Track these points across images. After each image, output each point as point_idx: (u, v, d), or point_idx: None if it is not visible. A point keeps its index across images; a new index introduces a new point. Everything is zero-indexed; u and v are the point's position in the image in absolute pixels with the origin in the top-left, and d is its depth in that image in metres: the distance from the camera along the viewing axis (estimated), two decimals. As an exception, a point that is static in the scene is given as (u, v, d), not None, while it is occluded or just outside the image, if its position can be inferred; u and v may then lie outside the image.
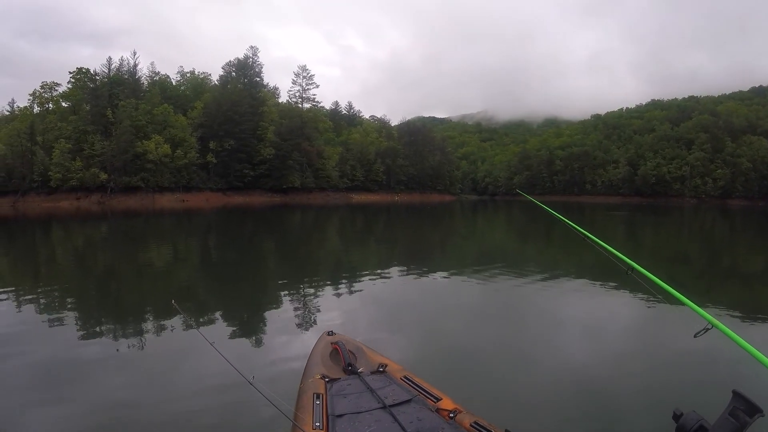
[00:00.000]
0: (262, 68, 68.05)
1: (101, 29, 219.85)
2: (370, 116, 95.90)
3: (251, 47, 76.30)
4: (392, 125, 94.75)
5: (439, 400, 2.50)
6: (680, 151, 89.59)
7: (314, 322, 6.09)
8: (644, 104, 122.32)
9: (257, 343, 5.35)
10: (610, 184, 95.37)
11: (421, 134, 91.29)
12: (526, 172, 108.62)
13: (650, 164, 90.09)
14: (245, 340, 5.48)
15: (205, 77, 71.47)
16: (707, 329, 1.89)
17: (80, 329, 5.77)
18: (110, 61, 58.54)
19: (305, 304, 7.27)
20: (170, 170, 54.04)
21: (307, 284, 8.90)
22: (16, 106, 59.78)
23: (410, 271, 10.47)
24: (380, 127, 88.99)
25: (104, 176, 50.17)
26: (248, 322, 6.31)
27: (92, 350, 4.90)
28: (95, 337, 5.53)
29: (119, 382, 4.06)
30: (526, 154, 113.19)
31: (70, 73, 56.27)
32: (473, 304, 7.46)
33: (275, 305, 7.14)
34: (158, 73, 67.05)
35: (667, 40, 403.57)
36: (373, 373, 2.90)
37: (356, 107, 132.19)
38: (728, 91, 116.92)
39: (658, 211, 48.71)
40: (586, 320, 6.49)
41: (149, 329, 5.76)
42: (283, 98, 74.09)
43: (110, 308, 7.09)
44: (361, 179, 73.60)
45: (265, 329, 5.92)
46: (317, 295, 7.90)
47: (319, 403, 2.45)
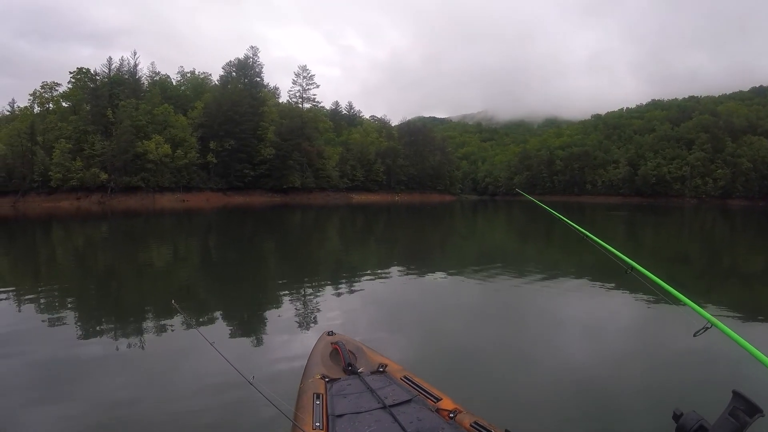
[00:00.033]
0: (262, 68, 68.28)
1: (101, 29, 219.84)
2: (370, 116, 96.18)
3: (251, 47, 76.63)
4: (392, 125, 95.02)
5: (439, 400, 2.50)
6: (680, 151, 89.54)
7: (314, 322, 6.09)
8: (644, 104, 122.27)
9: (257, 343, 5.35)
10: (610, 184, 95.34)
11: (421, 134, 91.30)
12: (526, 172, 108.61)
13: (650, 164, 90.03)
14: (245, 340, 5.48)
15: (205, 77, 71.67)
16: (707, 328, 1.89)
17: (80, 329, 5.78)
18: (110, 61, 58.80)
19: (305, 304, 7.27)
20: (170, 170, 54.11)
21: (307, 284, 8.90)
22: (16, 106, 60.12)
23: (410, 271, 10.47)
24: (380, 127, 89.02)
25: (104, 176, 50.23)
26: (248, 322, 6.31)
27: (92, 350, 4.91)
28: (95, 336, 5.54)
29: (119, 381, 4.06)
30: (526, 154, 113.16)
31: (70, 73, 56.47)
32: (473, 304, 7.46)
33: (275, 305, 7.14)
34: (158, 73, 67.26)
35: (667, 40, 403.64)
36: (373, 373, 2.90)
37: (356, 107, 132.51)
38: (728, 91, 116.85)
39: (658, 211, 48.69)
40: (586, 320, 6.49)
41: (149, 329, 5.76)
42: (283, 98, 74.39)
43: (110, 308, 7.10)
44: (361, 179, 73.62)
45: (265, 329, 5.92)
46: (317, 295, 7.90)
47: (319, 403, 2.45)
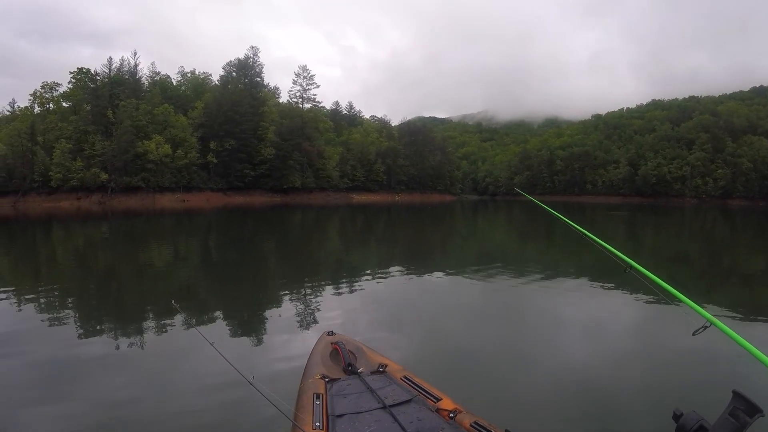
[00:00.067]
0: (262, 68, 68.26)
1: (101, 29, 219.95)
2: (370, 116, 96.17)
3: (252, 47, 76.72)
4: (393, 125, 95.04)
5: (439, 400, 2.50)
6: (681, 151, 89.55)
7: (314, 322, 6.09)
8: (645, 104, 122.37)
9: (257, 342, 5.35)
10: (610, 184, 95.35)
11: (421, 134, 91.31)
12: (526, 172, 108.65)
13: (651, 164, 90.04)
14: (245, 339, 5.48)
15: (205, 77, 71.68)
16: (705, 327, 1.89)
17: (80, 329, 5.79)
18: (111, 61, 58.79)
19: (305, 304, 7.26)
20: (171, 170, 54.12)
21: (307, 284, 8.90)
22: (16, 106, 60.17)
23: (410, 271, 10.46)
24: (381, 127, 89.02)
25: (105, 176, 50.24)
26: (248, 321, 6.31)
27: (92, 350, 4.90)
28: (95, 336, 5.53)
29: (119, 381, 4.06)
30: (526, 154, 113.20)
31: (70, 73, 56.50)
32: (473, 304, 7.46)
33: (275, 305, 7.14)
34: (159, 73, 67.29)
35: (667, 40, 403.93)
36: (373, 373, 2.90)
37: (357, 107, 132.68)
38: (729, 91, 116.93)
39: (658, 211, 48.68)
40: (586, 320, 6.49)
41: (149, 329, 5.76)
42: (283, 98, 74.43)
43: (110, 308, 7.10)
44: (361, 179, 73.63)
45: (265, 329, 5.92)
46: (317, 295, 7.90)
47: (319, 403, 2.45)
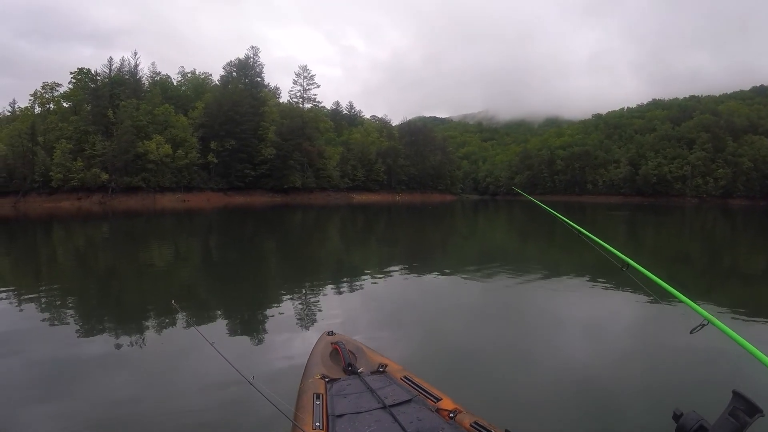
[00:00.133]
0: (262, 68, 68.21)
1: (102, 29, 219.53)
2: (371, 116, 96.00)
3: (252, 47, 76.70)
4: (393, 125, 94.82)
5: (439, 400, 2.50)
6: (681, 150, 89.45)
7: (314, 321, 6.09)
8: (645, 104, 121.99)
9: (257, 342, 5.35)
10: (611, 183, 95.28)
11: (422, 134, 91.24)
12: (527, 171, 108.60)
13: (651, 164, 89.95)
14: (245, 339, 5.48)
15: (205, 77, 71.65)
16: (703, 325, 1.89)
17: (81, 328, 5.80)
18: (111, 61, 58.78)
19: (305, 303, 7.27)
20: (171, 170, 54.13)
21: (307, 284, 8.90)
22: (17, 106, 60.14)
23: (411, 271, 10.46)
24: (381, 127, 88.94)
25: (105, 176, 50.24)
26: (248, 321, 6.32)
27: (93, 349, 4.91)
28: (95, 336, 5.54)
29: (119, 381, 4.06)
30: (527, 153, 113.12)
31: (71, 73, 56.49)
32: (473, 304, 7.45)
33: (275, 305, 7.14)
34: (159, 73, 67.25)
35: (667, 40, 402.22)
36: (373, 373, 2.90)
37: (357, 107, 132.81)
38: (729, 90, 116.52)
39: (659, 210, 48.65)
40: (586, 320, 6.49)
41: (150, 329, 5.76)
42: (284, 98, 74.39)
43: (111, 308, 7.10)
44: (362, 179, 73.59)
45: (265, 329, 5.92)
46: (317, 294, 7.90)
47: (319, 403, 2.45)
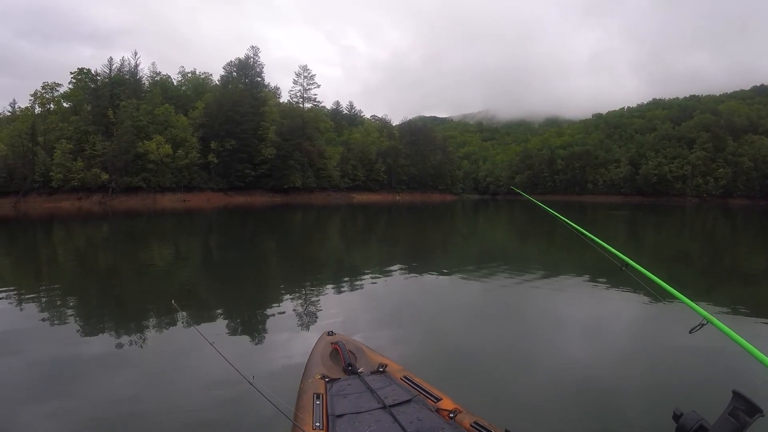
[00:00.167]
0: (263, 68, 68.09)
1: (102, 29, 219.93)
2: (371, 116, 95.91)
3: (252, 47, 76.66)
4: (393, 125, 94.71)
5: (439, 400, 2.50)
6: (682, 150, 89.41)
7: (314, 321, 6.09)
8: (645, 103, 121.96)
9: (257, 342, 5.35)
10: (611, 183, 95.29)
11: (422, 134, 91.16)
12: (527, 171, 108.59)
13: (652, 163, 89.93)
14: (245, 339, 5.48)
15: (206, 77, 71.60)
16: (702, 324, 1.89)
17: (81, 328, 5.80)
18: (111, 61, 58.76)
19: (305, 303, 7.27)
20: (171, 170, 54.12)
21: (307, 284, 8.90)
22: (17, 106, 60.08)
23: (411, 270, 10.46)
24: (381, 126, 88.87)
25: (105, 176, 50.24)
26: (248, 321, 6.32)
27: (93, 349, 4.91)
28: (96, 336, 5.54)
29: (119, 381, 4.06)
30: (527, 153, 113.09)
31: (71, 73, 56.47)
32: (473, 304, 7.45)
33: (275, 305, 7.14)
34: (159, 73, 67.20)
35: (667, 40, 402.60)
36: (373, 373, 2.90)
37: (357, 107, 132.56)
38: (729, 90, 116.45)
39: (659, 210, 48.64)
40: (586, 320, 6.49)
41: (150, 329, 5.76)
42: (284, 98, 74.32)
43: (111, 308, 7.10)
44: (362, 179, 73.54)
45: (265, 329, 5.93)
46: (317, 294, 7.90)
47: (319, 403, 2.45)
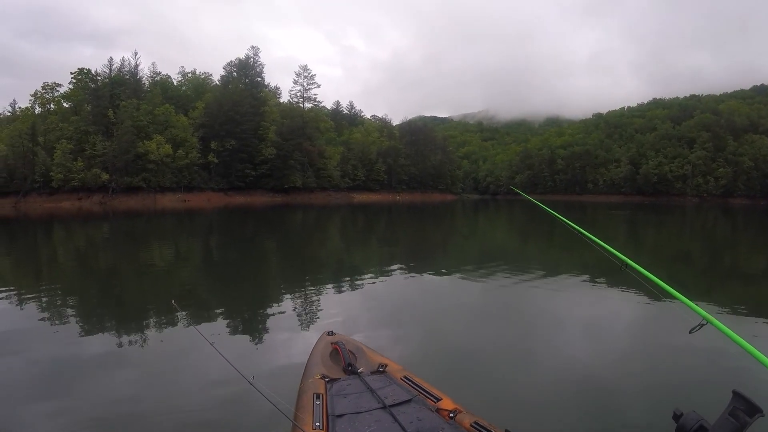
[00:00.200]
0: (263, 68, 68.12)
1: (102, 29, 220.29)
2: (371, 116, 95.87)
3: (252, 47, 76.69)
4: (393, 125, 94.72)
5: (439, 400, 2.50)
6: (682, 149, 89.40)
7: (314, 321, 6.09)
8: (646, 103, 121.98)
9: (257, 342, 5.35)
10: (611, 183, 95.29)
11: (422, 134, 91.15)
12: (527, 171, 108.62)
13: (652, 163, 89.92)
14: (245, 339, 5.48)
15: (206, 77, 71.63)
16: (702, 325, 1.89)
17: (81, 328, 5.80)
18: (111, 61, 58.75)
19: (305, 303, 7.27)
20: (172, 170, 54.13)
21: (307, 284, 8.90)
22: (17, 106, 60.05)
23: (411, 270, 10.46)
24: (381, 126, 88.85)
25: (106, 176, 50.25)
26: (248, 321, 6.32)
27: (93, 349, 4.91)
28: (96, 336, 5.54)
29: (119, 380, 4.06)
30: (527, 153, 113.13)
31: (71, 73, 56.49)
32: (473, 304, 7.45)
33: (275, 305, 7.14)
34: (159, 73, 67.19)
35: (667, 39, 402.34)
36: (373, 373, 2.89)
37: (357, 107, 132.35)
38: (730, 89, 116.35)
39: (659, 209, 48.61)
40: (586, 319, 6.49)
41: (150, 329, 5.77)
42: (284, 98, 74.34)
43: (111, 308, 7.11)
44: (362, 179, 73.55)
45: (265, 329, 5.93)
46: (317, 294, 7.90)
47: (319, 403, 2.44)
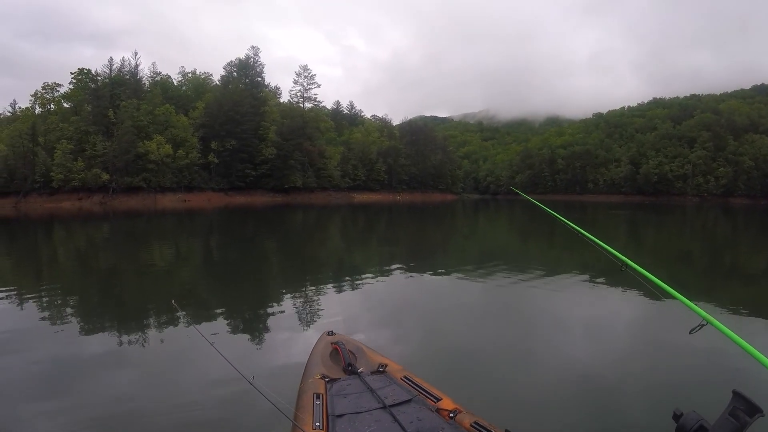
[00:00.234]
0: (263, 68, 67.94)
1: (102, 29, 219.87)
2: (371, 116, 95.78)
3: (252, 47, 76.68)
4: (394, 125, 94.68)
5: (439, 400, 2.50)
6: (682, 149, 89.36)
7: (314, 321, 6.09)
8: (646, 103, 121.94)
9: (257, 342, 5.35)
10: (612, 182, 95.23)
11: (422, 133, 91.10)
12: (528, 171, 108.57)
13: (652, 163, 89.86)
14: (245, 339, 5.48)
15: (206, 77, 71.55)
16: (702, 325, 1.88)
17: (82, 328, 5.81)
18: (111, 61, 58.66)
19: (305, 303, 7.27)
20: (172, 170, 54.10)
21: (307, 284, 8.91)
22: (17, 106, 60.05)
23: (411, 270, 10.46)
24: (382, 126, 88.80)
25: (106, 177, 50.23)
26: (248, 321, 6.32)
27: (93, 349, 4.92)
28: (96, 335, 5.54)
29: (120, 380, 4.07)
30: (527, 153, 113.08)
31: (71, 73, 56.53)
32: (473, 304, 7.45)
33: (275, 305, 7.14)
34: (159, 73, 67.08)
35: (668, 39, 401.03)
36: (373, 373, 2.89)
37: (358, 107, 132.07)
38: (730, 89, 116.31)
39: (660, 209, 48.60)
40: (586, 320, 6.48)
41: (150, 329, 5.77)
42: (284, 98, 74.30)
43: (111, 307, 7.11)
44: (362, 179, 73.51)
45: (265, 329, 5.93)
46: (318, 294, 7.90)
47: (319, 403, 2.45)
